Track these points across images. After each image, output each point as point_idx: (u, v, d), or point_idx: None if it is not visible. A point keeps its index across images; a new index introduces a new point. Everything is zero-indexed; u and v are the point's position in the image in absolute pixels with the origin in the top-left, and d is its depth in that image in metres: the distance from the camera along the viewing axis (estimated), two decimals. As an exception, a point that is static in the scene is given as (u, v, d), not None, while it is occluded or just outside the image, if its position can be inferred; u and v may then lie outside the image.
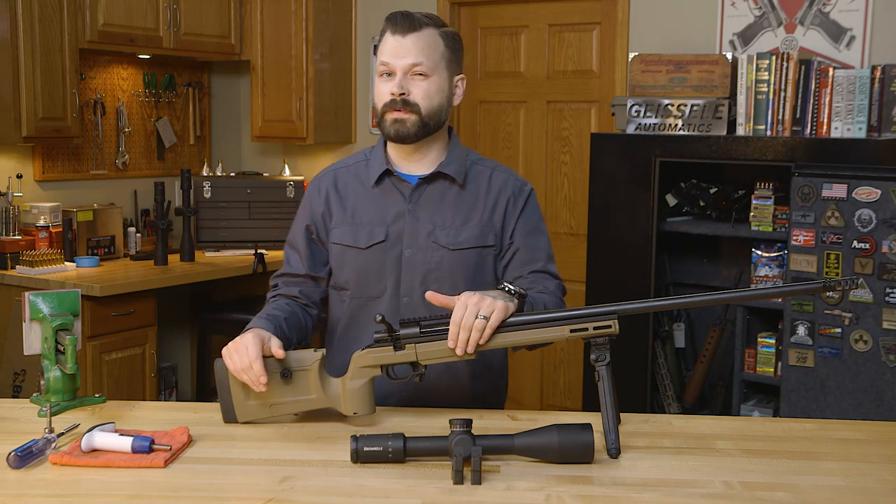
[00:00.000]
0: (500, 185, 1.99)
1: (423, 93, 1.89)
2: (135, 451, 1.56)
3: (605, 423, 1.60)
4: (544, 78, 4.38)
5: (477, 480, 1.47)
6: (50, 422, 1.62)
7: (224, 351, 1.75)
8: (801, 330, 3.11)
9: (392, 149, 1.99)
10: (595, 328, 1.64)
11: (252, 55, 4.71)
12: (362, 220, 1.97)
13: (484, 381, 2.01)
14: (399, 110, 1.89)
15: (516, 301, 1.70)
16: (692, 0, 3.89)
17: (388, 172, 1.97)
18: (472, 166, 2.00)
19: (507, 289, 1.71)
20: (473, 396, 1.98)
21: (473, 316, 1.63)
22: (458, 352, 1.64)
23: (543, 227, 2.04)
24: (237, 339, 1.75)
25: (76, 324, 1.88)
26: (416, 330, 1.69)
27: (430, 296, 1.70)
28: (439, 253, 1.94)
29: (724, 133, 3.42)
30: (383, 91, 1.91)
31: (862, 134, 3.25)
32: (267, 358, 1.72)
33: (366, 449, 1.53)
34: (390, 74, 1.90)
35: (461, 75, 1.98)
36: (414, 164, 1.98)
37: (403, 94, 1.88)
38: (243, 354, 1.71)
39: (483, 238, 1.96)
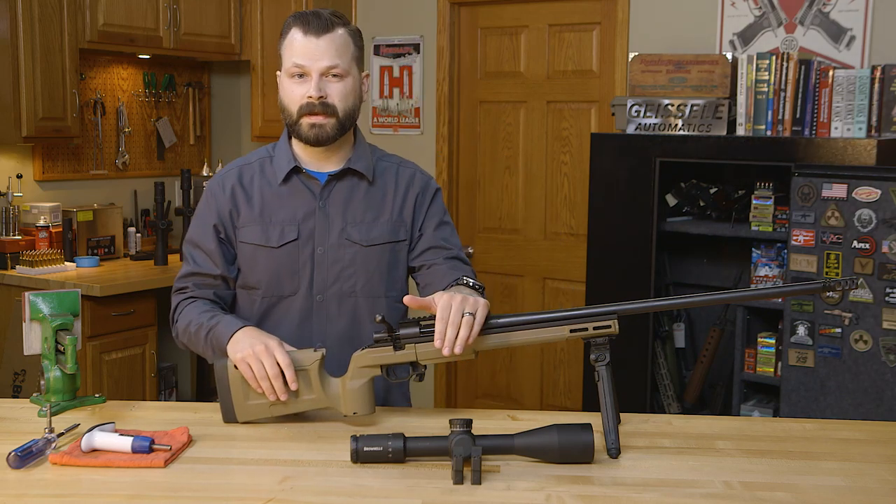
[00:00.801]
0: (407, 180, 2.01)
1: (340, 94, 1.88)
2: (135, 451, 1.56)
3: (605, 423, 1.60)
4: (544, 78, 4.38)
5: (477, 480, 1.47)
6: (50, 422, 1.62)
7: (240, 357, 1.72)
8: (801, 330, 3.11)
9: (299, 146, 1.97)
10: (595, 328, 1.64)
11: (252, 55, 4.71)
12: (272, 219, 1.94)
13: (394, 384, 1.97)
14: (317, 114, 1.87)
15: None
16: (692, 0, 3.89)
17: (297, 170, 1.95)
18: (378, 162, 2.01)
19: (469, 283, 1.71)
20: (386, 399, 1.98)
21: (460, 314, 1.63)
22: (446, 352, 1.62)
23: (450, 220, 2.07)
24: (256, 346, 1.71)
25: (76, 324, 1.88)
26: (416, 330, 1.69)
27: (409, 300, 1.69)
28: (352, 250, 1.94)
29: (724, 133, 3.42)
30: (297, 93, 1.88)
31: (862, 134, 3.25)
32: None
33: (366, 449, 1.53)
34: (303, 76, 1.87)
35: (366, 72, 1.99)
36: (322, 161, 1.96)
37: (322, 96, 1.86)
38: (270, 361, 1.69)
39: (395, 233, 1.97)
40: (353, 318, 1.95)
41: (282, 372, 1.71)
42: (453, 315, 1.62)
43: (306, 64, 1.86)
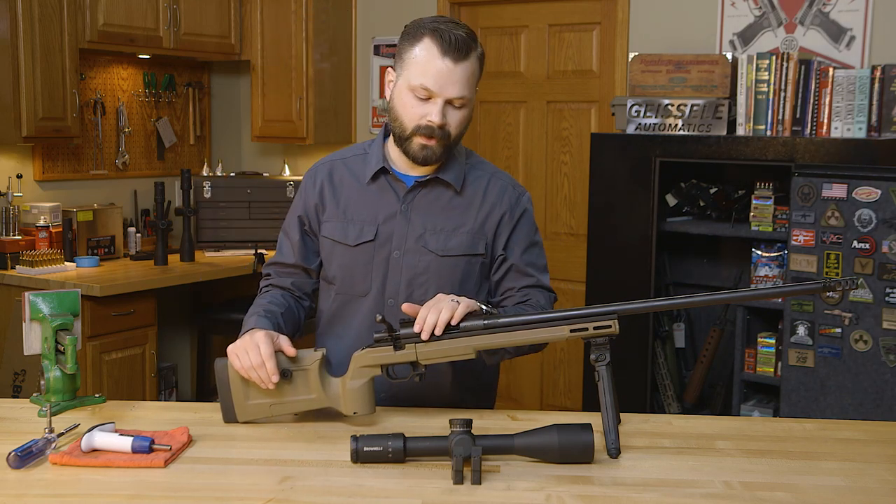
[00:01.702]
0: (496, 195, 1.96)
1: (459, 122, 1.84)
2: (135, 451, 1.56)
3: (605, 423, 1.60)
4: (544, 78, 4.38)
5: (477, 480, 1.47)
6: (50, 422, 1.63)
7: (230, 349, 1.74)
8: (801, 330, 3.11)
9: (393, 147, 1.94)
10: (595, 328, 1.64)
11: (252, 55, 4.71)
12: (354, 217, 1.94)
13: (467, 384, 1.99)
14: (433, 138, 1.83)
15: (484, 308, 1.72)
16: (692, 0, 3.90)
17: (385, 170, 1.94)
18: (470, 170, 1.96)
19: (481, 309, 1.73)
20: (454, 399, 1.97)
21: (444, 302, 1.67)
22: (424, 336, 1.65)
23: (539, 238, 2.02)
24: (245, 337, 1.74)
25: (76, 324, 1.88)
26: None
27: (406, 307, 1.71)
28: (427, 258, 1.91)
29: (724, 133, 3.42)
30: (416, 111, 1.82)
31: (862, 134, 3.25)
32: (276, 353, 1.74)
33: (366, 449, 1.54)
34: (428, 98, 1.81)
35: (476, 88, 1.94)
36: (413, 165, 1.92)
37: (443, 124, 1.82)
38: (255, 352, 1.70)
39: (473, 246, 1.93)
40: None
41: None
42: (435, 302, 1.67)
43: (435, 90, 1.80)
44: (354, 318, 1.96)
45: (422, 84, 1.80)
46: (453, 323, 1.65)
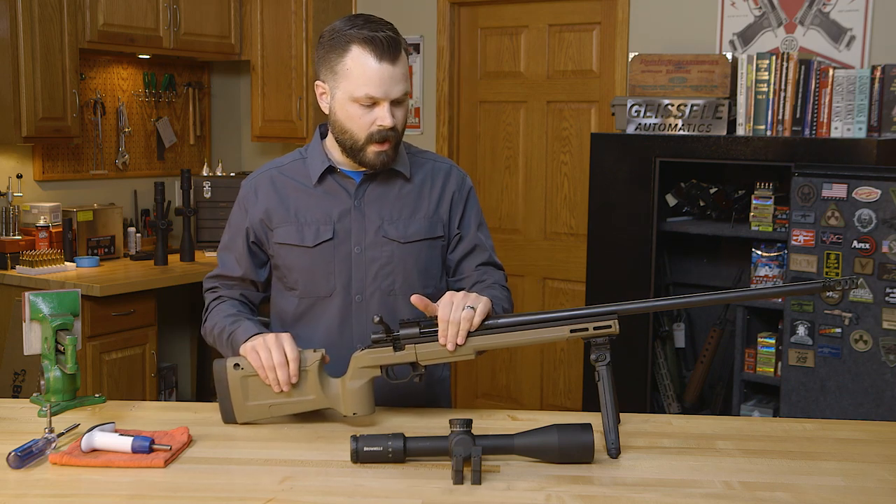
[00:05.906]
0: (443, 177, 1.99)
1: (403, 118, 1.85)
2: (135, 451, 1.56)
3: (605, 423, 1.60)
4: (544, 78, 4.38)
5: (477, 480, 1.47)
6: (50, 422, 1.63)
7: (249, 346, 1.73)
8: (801, 330, 3.11)
9: (334, 147, 1.92)
10: (595, 328, 1.64)
11: (252, 55, 4.71)
12: (307, 219, 1.92)
13: (433, 381, 2.01)
14: (386, 141, 1.82)
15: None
16: (692, 0, 3.90)
17: (331, 170, 1.92)
18: (412, 159, 1.98)
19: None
20: (427, 398, 1.99)
21: (460, 309, 1.65)
22: (450, 347, 1.65)
23: (484, 219, 2.07)
24: (268, 335, 1.73)
25: (76, 324, 1.88)
26: (416, 330, 1.69)
27: (416, 299, 1.70)
28: (390, 247, 1.92)
29: (724, 133, 3.42)
30: (366, 121, 1.81)
31: (862, 134, 3.25)
32: None
33: (366, 449, 1.53)
34: (374, 104, 1.80)
35: None
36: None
37: (395, 125, 1.82)
38: (278, 351, 1.69)
39: (432, 230, 1.95)
40: (393, 317, 1.88)
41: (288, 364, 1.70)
42: (454, 312, 1.65)
43: (380, 95, 1.79)
44: (322, 319, 1.94)
45: (366, 94, 1.79)
46: (473, 328, 1.66)
